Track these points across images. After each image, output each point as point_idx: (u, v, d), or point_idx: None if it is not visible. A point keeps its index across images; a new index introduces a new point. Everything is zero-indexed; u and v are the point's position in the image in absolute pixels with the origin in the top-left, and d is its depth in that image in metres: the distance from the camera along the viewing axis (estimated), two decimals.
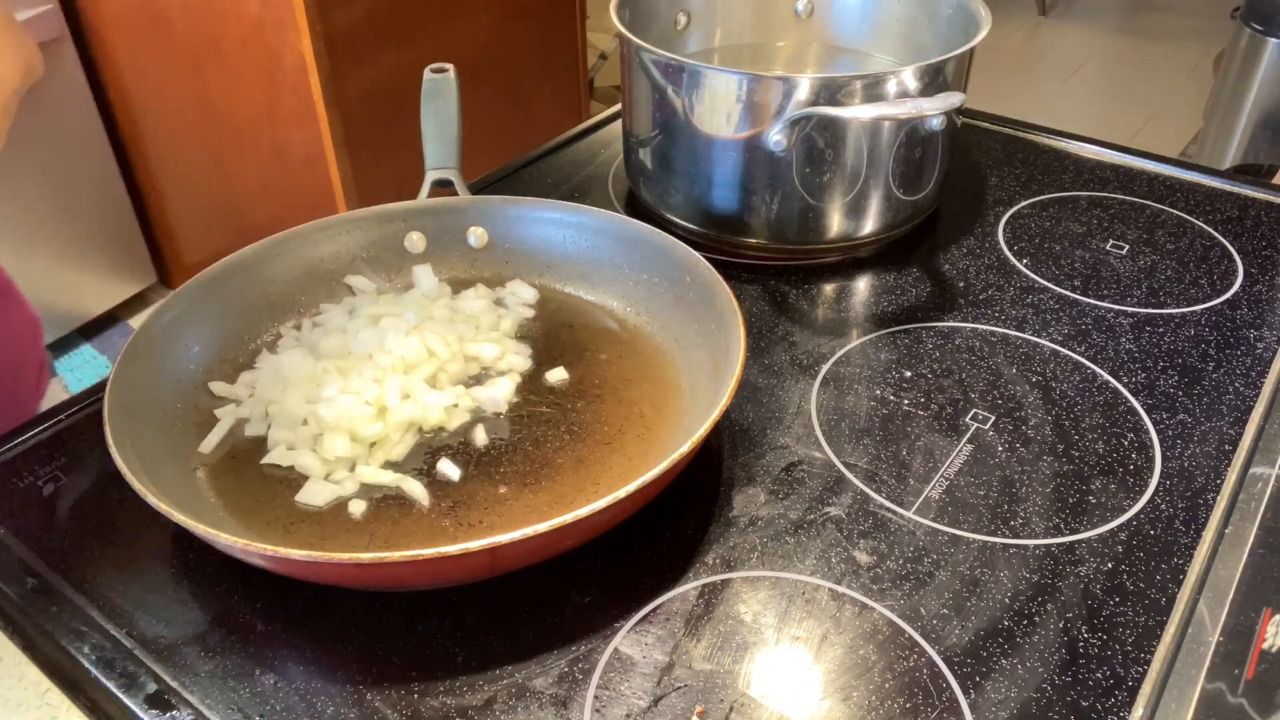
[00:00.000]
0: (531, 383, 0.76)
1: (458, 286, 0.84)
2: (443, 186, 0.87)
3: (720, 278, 0.74)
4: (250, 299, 0.79)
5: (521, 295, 0.83)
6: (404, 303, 0.81)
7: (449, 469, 0.68)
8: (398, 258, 0.85)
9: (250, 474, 0.68)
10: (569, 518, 0.55)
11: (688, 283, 0.77)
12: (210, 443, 0.70)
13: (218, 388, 0.74)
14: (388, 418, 0.70)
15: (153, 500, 0.56)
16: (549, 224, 0.85)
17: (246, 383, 0.74)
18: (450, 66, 0.93)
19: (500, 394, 0.73)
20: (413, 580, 0.60)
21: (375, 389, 0.71)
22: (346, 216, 0.84)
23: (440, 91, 0.91)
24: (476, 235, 0.85)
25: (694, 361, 0.75)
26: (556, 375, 0.76)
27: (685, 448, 0.60)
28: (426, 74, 0.92)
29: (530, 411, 0.73)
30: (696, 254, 0.77)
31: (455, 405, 0.72)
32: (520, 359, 0.77)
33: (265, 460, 0.69)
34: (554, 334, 0.81)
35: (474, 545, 0.53)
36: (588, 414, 0.73)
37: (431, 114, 0.90)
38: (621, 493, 0.56)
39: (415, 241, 0.85)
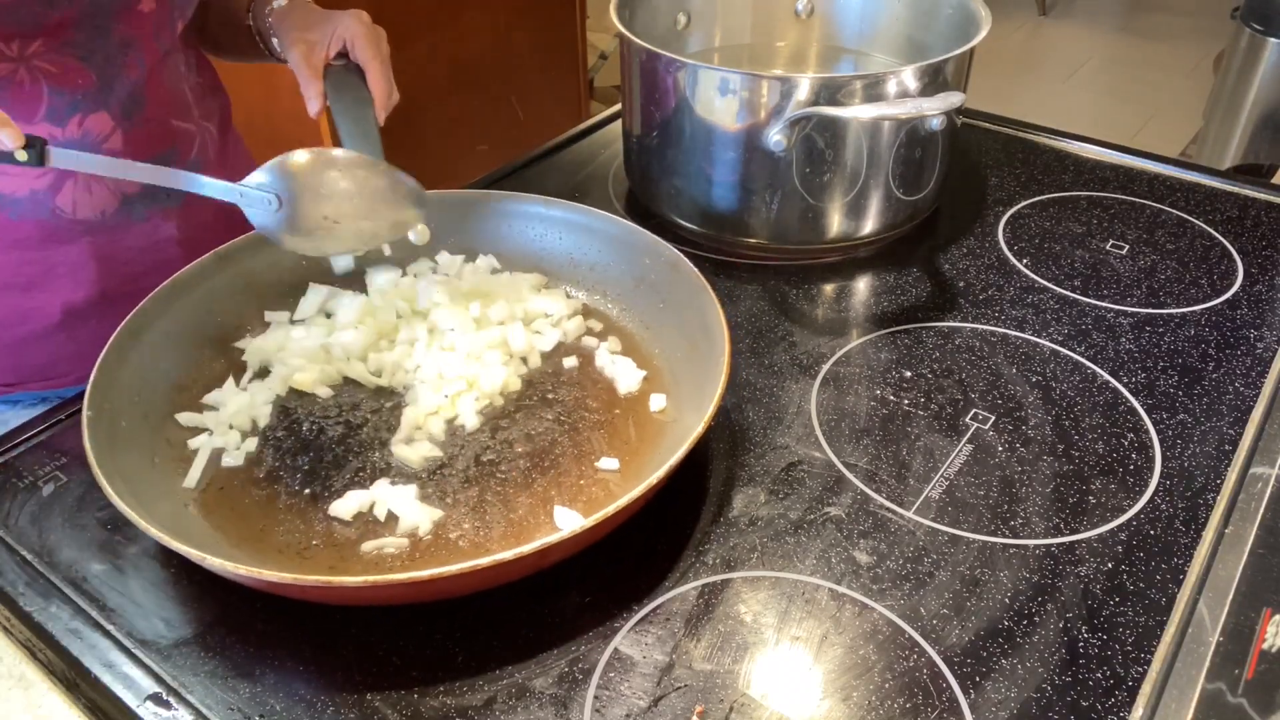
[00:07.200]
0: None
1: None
2: None
3: (681, 255, 0.74)
4: (197, 320, 0.76)
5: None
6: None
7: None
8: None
9: (246, 503, 0.66)
10: (612, 509, 0.56)
11: (646, 264, 0.78)
12: (193, 477, 0.67)
13: (185, 418, 0.71)
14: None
15: (176, 546, 0.54)
16: (493, 215, 0.84)
17: (214, 404, 0.73)
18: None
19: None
20: (461, 590, 0.59)
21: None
22: None
23: (348, 83, 0.82)
24: (417, 232, 0.81)
25: (666, 340, 0.76)
26: (532, 362, 0.77)
27: (709, 413, 0.61)
28: (328, 67, 0.83)
29: (517, 405, 0.74)
30: (654, 236, 0.78)
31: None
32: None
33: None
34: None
35: (526, 549, 0.53)
36: (570, 399, 0.74)
37: (343, 109, 0.82)
38: (662, 471, 0.58)
39: None
